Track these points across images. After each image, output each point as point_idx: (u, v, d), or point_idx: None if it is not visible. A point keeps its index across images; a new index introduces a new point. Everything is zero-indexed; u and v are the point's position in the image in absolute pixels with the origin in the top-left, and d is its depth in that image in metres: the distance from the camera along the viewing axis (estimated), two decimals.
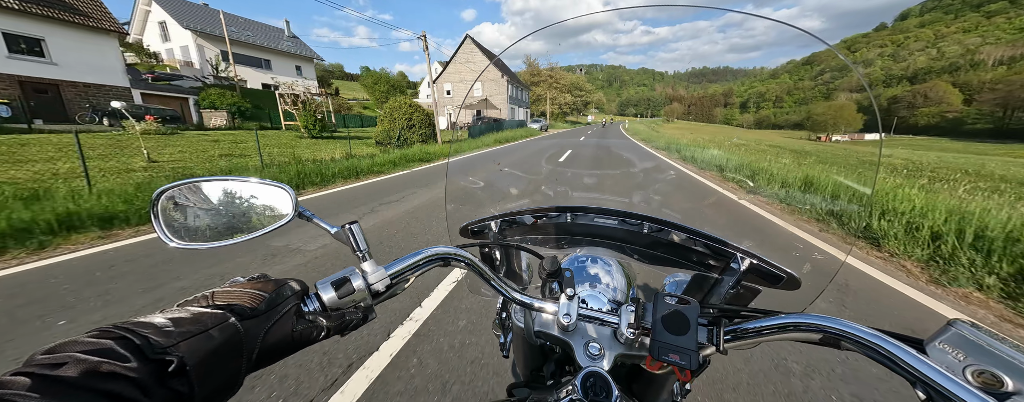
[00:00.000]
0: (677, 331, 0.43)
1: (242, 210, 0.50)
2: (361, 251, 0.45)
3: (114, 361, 0.23)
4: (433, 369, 1.82)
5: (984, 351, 0.30)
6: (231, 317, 0.30)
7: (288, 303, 0.36)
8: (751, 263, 0.64)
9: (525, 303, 0.54)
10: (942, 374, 0.30)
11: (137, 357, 0.24)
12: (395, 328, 2.17)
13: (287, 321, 0.35)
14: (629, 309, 0.48)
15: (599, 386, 0.44)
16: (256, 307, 0.33)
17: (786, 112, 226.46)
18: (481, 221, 0.83)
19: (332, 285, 0.41)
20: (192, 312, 0.30)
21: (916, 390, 0.32)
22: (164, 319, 0.28)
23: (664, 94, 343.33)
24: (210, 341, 0.28)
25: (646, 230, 0.76)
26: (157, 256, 3.37)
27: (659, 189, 1.28)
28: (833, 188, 4.37)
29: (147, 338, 0.25)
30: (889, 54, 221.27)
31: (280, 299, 0.36)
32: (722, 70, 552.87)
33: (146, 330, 0.26)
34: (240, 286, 0.36)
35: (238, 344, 0.30)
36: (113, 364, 0.23)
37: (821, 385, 1.77)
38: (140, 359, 0.24)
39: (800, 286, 0.63)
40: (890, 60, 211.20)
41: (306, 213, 0.48)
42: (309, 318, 0.37)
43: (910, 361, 0.32)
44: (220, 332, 0.29)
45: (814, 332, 0.40)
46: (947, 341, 0.32)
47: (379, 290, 0.44)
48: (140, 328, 0.26)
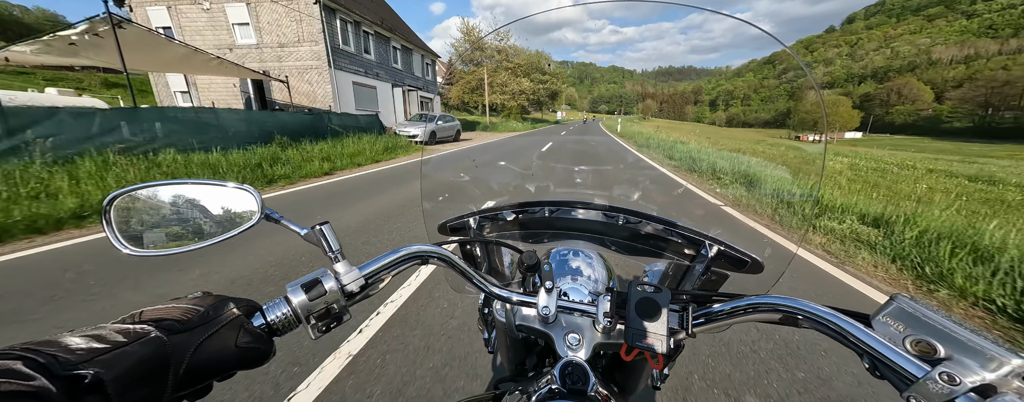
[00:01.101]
0: (649, 317, 0.44)
1: (203, 214, 0.47)
2: (333, 252, 0.45)
3: (16, 380, 0.22)
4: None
5: (920, 322, 0.33)
6: (155, 332, 0.30)
7: (226, 317, 0.35)
8: (719, 250, 0.67)
9: (504, 297, 0.53)
10: (884, 344, 0.33)
11: (44, 375, 0.23)
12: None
13: (227, 335, 0.34)
14: (605, 299, 0.48)
15: (577, 375, 0.45)
16: (188, 320, 0.32)
17: (755, 110, 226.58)
18: (460, 218, 0.82)
19: (302, 287, 0.40)
20: (113, 328, 0.29)
21: (863, 360, 0.35)
22: (78, 337, 0.27)
23: (635, 91, 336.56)
24: (129, 356, 0.27)
25: (622, 222, 0.77)
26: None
27: (637, 183, 1.15)
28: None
29: (54, 356, 0.24)
30: (847, 54, 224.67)
31: (217, 313, 0.35)
32: (686, 69, 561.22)
33: (52, 348, 0.25)
34: (178, 302, 0.35)
35: (163, 358, 0.29)
36: (15, 383, 0.22)
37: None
38: (48, 377, 0.23)
39: (763, 269, 0.66)
40: (848, 59, 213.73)
41: (273, 215, 0.46)
42: (257, 332, 0.36)
43: (857, 334, 0.35)
44: (142, 346, 0.28)
45: (775, 312, 0.42)
46: (889, 314, 0.35)
47: (353, 291, 0.44)
48: (45, 347, 0.25)
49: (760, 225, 4.16)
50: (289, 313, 0.39)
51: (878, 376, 0.35)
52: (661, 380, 0.67)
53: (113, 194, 0.44)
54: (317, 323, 0.41)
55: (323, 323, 0.42)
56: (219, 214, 0.48)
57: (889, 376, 0.34)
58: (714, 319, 0.46)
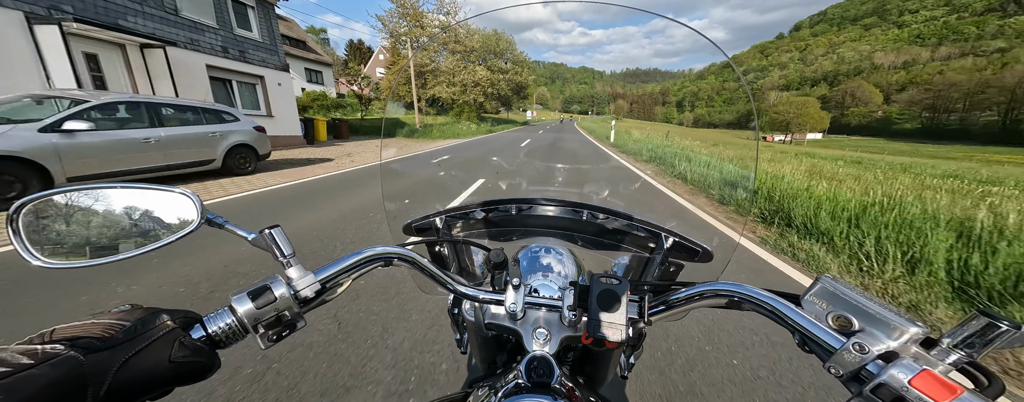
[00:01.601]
0: (609, 309, 0.45)
1: (133, 221, 0.43)
2: (285, 257, 0.43)
3: None
4: None
5: (840, 299, 0.37)
6: (70, 351, 0.27)
7: (158, 330, 0.32)
8: (674, 241, 0.71)
9: (471, 296, 0.53)
10: (810, 322, 0.37)
11: None
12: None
13: (159, 350, 0.31)
14: (569, 293, 0.49)
15: (543, 368, 0.45)
16: (111, 337, 0.29)
17: (719, 111, 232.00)
18: (425, 218, 0.81)
19: (248, 296, 0.38)
20: (17, 350, 0.26)
21: (794, 337, 0.39)
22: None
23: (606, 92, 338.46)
24: (36, 379, 0.24)
25: (586, 218, 0.79)
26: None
27: (605, 181, 1.20)
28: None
29: None
30: (799, 58, 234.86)
31: (146, 327, 0.32)
32: (652, 71, 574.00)
33: None
34: (98, 317, 0.32)
35: (79, 379, 0.26)
36: None
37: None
38: None
39: (713, 258, 0.71)
40: (800, 63, 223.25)
41: (217, 220, 0.43)
42: (196, 345, 0.34)
43: (788, 313, 0.39)
44: (52, 368, 0.25)
45: (722, 297, 0.45)
46: (815, 294, 0.39)
47: (307, 297, 0.42)
48: None
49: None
50: (234, 323, 0.37)
51: (807, 350, 0.38)
52: (628, 369, 0.68)
53: (21, 201, 0.39)
54: (267, 332, 0.39)
55: (274, 331, 0.40)
56: (151, 220, 0.44)
57: (815, 349, 0.37)
58: (671, 306, 0.48)
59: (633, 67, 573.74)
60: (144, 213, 0.44)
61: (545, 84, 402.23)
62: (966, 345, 0.31)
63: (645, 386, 1.58)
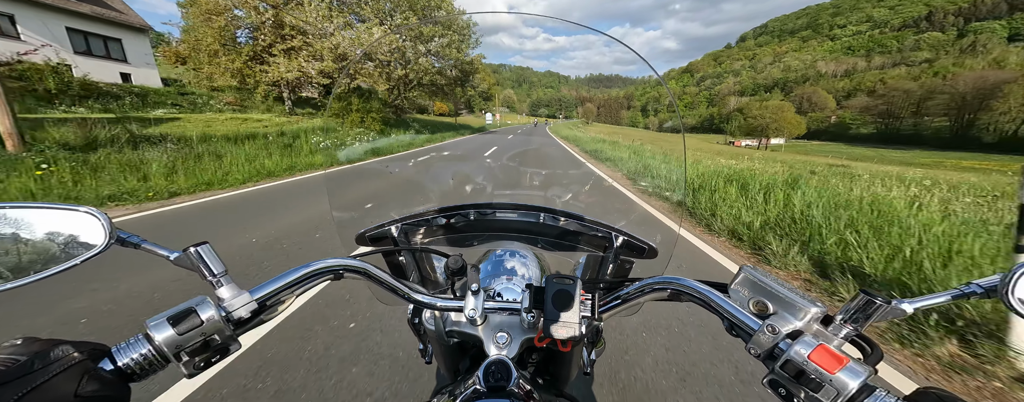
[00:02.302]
0: (564, 308, 0.46)
1: (26, 244, 0.38)
2: (214, 275, 0.40)
3: None
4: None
5: (759, 287, 0.41)
6: None
7: (62, 364, 0.29)
8: (623, 239, 0.73)
9: (429, 304, 0.52)
10: (735, 308, 0.41)
11: None
12: None
13: (61, 385, 0.28)
14: (526, 295, 0.49)
15: (500, 372, 0.45)
16: (2, 372, 0.27)
17: (682, 116, 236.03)
18: (379, 227, 0.77)
19: (169, 321, 0.35)
20: None
21: (723, 323, 0.43)
22: None
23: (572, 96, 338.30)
24: None
25: (543, 220, 0.79)
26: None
27: (565, 184, 1.16)
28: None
29: None
30: (750, 66, 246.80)
31: (45, 362, 0.29)
32: (614, 77, 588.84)
33: None
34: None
35: None
36: None
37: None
38: None
39: (657, 254, 0.74)
40: (752, 71, 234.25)
41: (131, 239, 0.40)
42: (107, 379, 0.31)
43: (717, 301, 0.43)
44: None
45: (664, 290, 0.48)
46: (739, 283, 0.43)
47: (242, 317, 0.39)
48: None
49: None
50: (150, 353, 0.34)
51: (734, 335, 0.41)
52: (590, 366, 0.69)
53: None
54: (192, 359, 0.36)
55: (201, 358, 0.36)
56: (50, 242, 0.39)
57: (739, 333, 0.41)
58: (622, 302, 0.50)
59: (596, 73, 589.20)
60: (40, 233, 0.39)
61: (512, 87, 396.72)
62: (853, 320, 0.36)
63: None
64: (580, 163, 9.76)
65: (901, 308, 0.36)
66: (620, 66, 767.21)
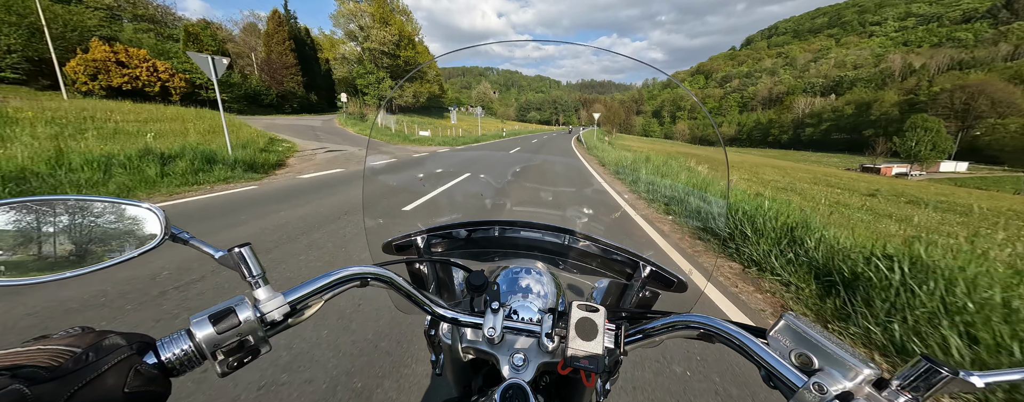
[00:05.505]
0: (587, 336, 0.48)
1: (91, 235, 0.44)
2: (253, 277, 0.44)
3: None
4: None
5: (802, 338, 0.41)
6: (13, 382, 0.26)
7: (113, 358, 0.32)
8: (651, 270, 0.78)
9: (449, 319, 0.56)
10: (774, 358, 0.42)
11: None
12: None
13: (112, 380, 0.31)
14: (548, 318, 0.53)
15: (518, 397, 0.48)
16: (59, 365, 0.29)
17: (709, 124, 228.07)
18: (405, 237, 0.85)
19: (210, 319, 0.39)
20: None
21: (760, 371, 0.43)
22: None
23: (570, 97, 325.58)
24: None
25: (566, 242, 0.86)
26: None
27: (586, 203, 1.30)
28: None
29: None
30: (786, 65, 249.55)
31: (99, 355, 0.31)
32: (606, 83, 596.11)
33: None
34: (43, 343, 0.31)
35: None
36: None
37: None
38: None
39: (687, 289, 0.79)
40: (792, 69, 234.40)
41: (182, 235, 0.46)
42: (152, 374, 0.34)
43: (755, 349, 0.43)
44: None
45: (695, 329, 0.49)
46: (779, 331, 0.43)
47: (275, 319, 0.43)
48: None
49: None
50: (190, 349, 0.37)
51: (771, 386, 0.42)
52: (604, 394, 0.72)
53: None
54: (227, 358, 0.39)
55: (235, 358, 0.40)
56: (111, 234, 0.45)
57: (778, 386, 0.41)
58: (647, 336, 0.52)
59: (587, 79, 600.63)
60: (104, 226, 0.44)
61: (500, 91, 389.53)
62: (912, 388, 0.36)
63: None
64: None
65: (970, 381, 0.35)
66: (607, 74, 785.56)
